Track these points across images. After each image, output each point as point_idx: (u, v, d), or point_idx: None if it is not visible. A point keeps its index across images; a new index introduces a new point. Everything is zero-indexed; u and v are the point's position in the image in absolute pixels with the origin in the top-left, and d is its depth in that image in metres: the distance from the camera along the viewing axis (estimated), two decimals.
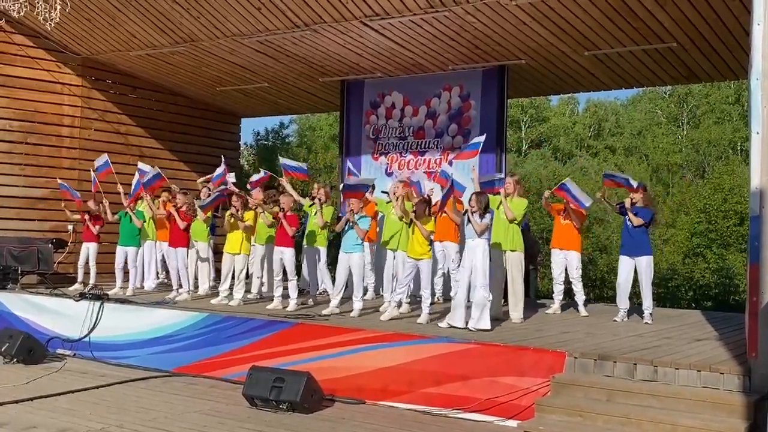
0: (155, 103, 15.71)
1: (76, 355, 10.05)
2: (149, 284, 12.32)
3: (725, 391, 6.32)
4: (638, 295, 9.61)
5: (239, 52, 12.95)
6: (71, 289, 11.68)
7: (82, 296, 10.60)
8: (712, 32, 10.53)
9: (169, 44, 12.90)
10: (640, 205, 9.36)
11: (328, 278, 10.88)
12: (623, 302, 9.52)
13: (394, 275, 9.90)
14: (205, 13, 11.70)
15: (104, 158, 12.28)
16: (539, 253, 13.56)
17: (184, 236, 11.11)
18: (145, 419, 6.89)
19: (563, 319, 9.90)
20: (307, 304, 10.44)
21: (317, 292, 10.99)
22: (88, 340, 10.10)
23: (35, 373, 8.82)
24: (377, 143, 13.95)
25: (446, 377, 7.42)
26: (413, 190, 10.25)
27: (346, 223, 9.50)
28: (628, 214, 9.31)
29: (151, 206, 11.74)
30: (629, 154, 39.00)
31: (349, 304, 9.58)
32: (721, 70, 12.18)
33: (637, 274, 9.35)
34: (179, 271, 11.03)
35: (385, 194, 10.36)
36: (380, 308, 9.87)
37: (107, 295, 10.72)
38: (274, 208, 10.49)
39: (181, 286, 11.04)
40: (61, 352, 10.10)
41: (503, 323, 9.11)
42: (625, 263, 9.38)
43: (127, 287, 11.74)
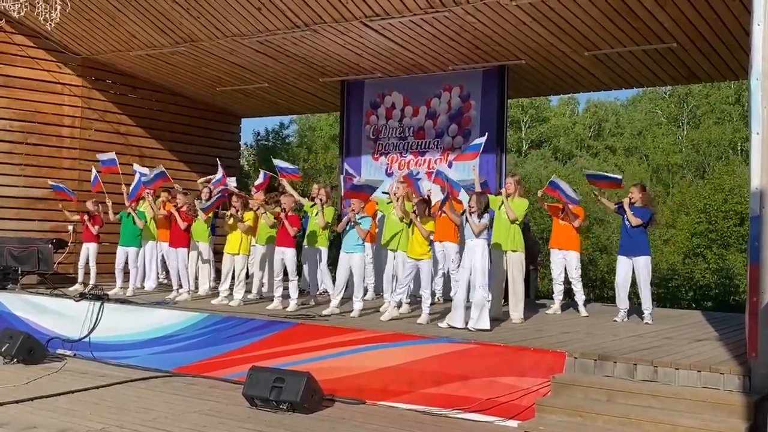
0: (155, 103, 15.72)
1: (76, 355, 10.04)
2: (149, 284, 12.32)
3: (725, 391, 6.31)
4: (638, 295, 9.61)
5: (239, 52, 12.95)
6: (71, 289, 11.68)
7: (82, 296, 10.60)
8: (712, 32, 10.54)
9: (169, 44, 12.90)
10: (639, 205, 9.36)
11: (328, 278, 10.88)
12: (623, 302, 9.51)
13: (394, 275, 9.91)
14: (205, 13, 11.70)
15: (111, 155, 12.26)
16: (539, 253, 13.55)
17: (184, 236, 11.11)
18: (145, 419, 6.89)
19: (563, 319, 9.90)
20: (307, 304, 10.44)
21: (317, 292, 11.00)
22: (88, 340, 10.10)
23: (35, 373, 8.81)
24: (377, 143, 13.94)
25: (446, 377, 7.41)
26: (412, 189, 10.23)
27: (347, 223, 9.50)
28: (626, 213, 9.32)
29: (152, 206, 11.75)
30: (629, 154, 39.03)
31: (349, 304, 9.58)
32: (721, 70, 12.18)
33: (635, 274, 9.37)
34: (179, 271, 11.03)
35: (385, 194, 10.36)
36: (380, 308, 9.88)
37: (107, 295, 10.72)
38: (275, 208, 10.50)
39: (181, 286, 11.04)
40: (61, 352, 10.09)
41: (503, 323, 9.11)
42: (623, 263, 9.38)
43: (127, 287, 11.74)
